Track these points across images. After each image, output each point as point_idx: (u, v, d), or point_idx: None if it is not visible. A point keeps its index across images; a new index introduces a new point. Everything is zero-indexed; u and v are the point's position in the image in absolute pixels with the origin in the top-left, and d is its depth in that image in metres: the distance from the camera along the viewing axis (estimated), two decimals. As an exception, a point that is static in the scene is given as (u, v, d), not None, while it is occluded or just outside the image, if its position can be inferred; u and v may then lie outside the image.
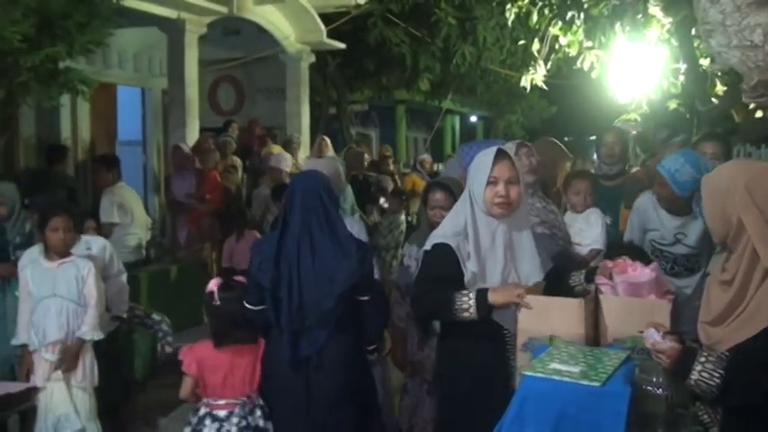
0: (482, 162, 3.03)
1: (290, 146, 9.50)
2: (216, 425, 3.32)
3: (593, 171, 5.34)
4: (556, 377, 2.43)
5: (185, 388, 3.41)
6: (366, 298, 3.40)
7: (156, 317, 5.70)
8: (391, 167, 10.44)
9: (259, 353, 3.44)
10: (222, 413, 3.34)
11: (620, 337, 2.79)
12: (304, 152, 10.36)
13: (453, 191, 3.74)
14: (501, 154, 3.01)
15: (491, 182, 2.97)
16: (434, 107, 16.12)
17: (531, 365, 2.54)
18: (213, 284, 3.56)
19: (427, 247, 3.08)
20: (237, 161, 9.07)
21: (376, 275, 3.76)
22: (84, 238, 4.66)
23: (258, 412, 3.37)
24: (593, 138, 13.96)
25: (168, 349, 5.69)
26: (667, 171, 3.71)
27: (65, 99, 6.46)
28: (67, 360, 4.14)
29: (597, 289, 3.00)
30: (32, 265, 4.27)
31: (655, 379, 2.48)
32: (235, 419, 3.30)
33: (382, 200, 8.72)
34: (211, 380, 3.37)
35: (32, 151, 9.01)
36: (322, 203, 3.37)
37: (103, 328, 4.59)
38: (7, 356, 4.56)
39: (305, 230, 3.33)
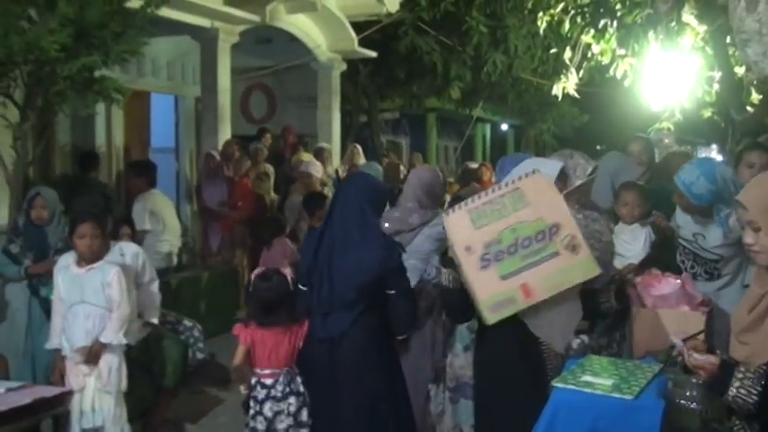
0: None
1: (320, 155, 9.54)
2: (264, 390, 3.83)
3: None
4: (587, 389, 2.41)
5: (238, 356, 3.92)
6: (392, 292, 3.67)
7: (187, 323, 5.75)
8: None
9: (299, 332, 3.86)
10: (269, 381, 3.84)
11: (653, 350, 2.76)
12: (335, 161, 10.41)
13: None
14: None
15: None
16: (465, 115, 16.08)
17: (563, 377, 2.52)
18: (254, 273, 4.04)
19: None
20: (270, 169, 9.12)
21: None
22: (118, 244, 4.72)
23: (298, 379, 3.86)
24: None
25: (199, 356, 5.73)
26: (683, 183, 3.77)
27: (99, 107, 6.55)
28: (88, 360, 4.17)
29: (630, 301, 2.97)
30: (64, 271, 4.33)
31: (689, 393, 2.44)
32: (279, 386, 3.82)
33: None
34: (258, 353, 3.87)
35: (68, 158, 9.15)
36: (359, 204, 3.70)
37: (135, 334, 4.65)
38: (49, 362, 4.62)
39: (341, 227, 3.69)
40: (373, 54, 11.25)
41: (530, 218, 2.62)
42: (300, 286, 3.80)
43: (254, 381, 3.88)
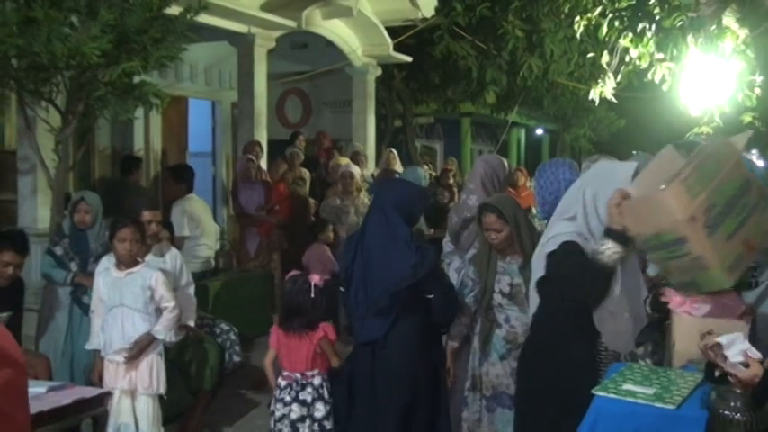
0: (621, 175, 2.94)
1: (356, 158, 9.57)
2: (278, 391, 4.11)
3: None
4: (629, 398, 2.38)
5: (268, 357, 4.25)
6: (431, 296, 3.75)
7: (224, 326, 5.80)
8: (451, 181, 10.36)
9: (316, 338, 4.08)
10: (283, 383, 4.11)
11: (695, 359, 2.71)
12: (371, 165, 10.43)
13: (503, 212, 3.89)
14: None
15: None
16: (500, 120, 16.01)
17: (603, 385, 2.49)
18: (287, 276, 4.30)
19: (551, 247, 2.99)
20: (306, 173, 9.16)
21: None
22: (158, 247, 4.79)
23: (308, 389, 4.06)
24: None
25: (236, 359, 5.77)
26: None
27: (138, 112, 6.63)
28: (134, 352, 4.22)
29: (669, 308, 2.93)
30: (104, 274, 4.40)
31: (732, 403, 2.39)
32: (288, 390, 4.07)
33: None
34: (282, 355, 4.16)
35: (107, 162, 9.29)
36: (390, 211, 3.78)
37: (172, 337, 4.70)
38: (87, 363, 4.69)
39: (375, 234, 3.79)
40: (408, 59, 11.25)
41: (728, 177, 2.64)
42: (342, 289, 3.93)
43: (280, 379, 4.14)
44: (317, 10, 9.26)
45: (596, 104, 9.92)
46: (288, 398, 4.09)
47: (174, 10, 5.62)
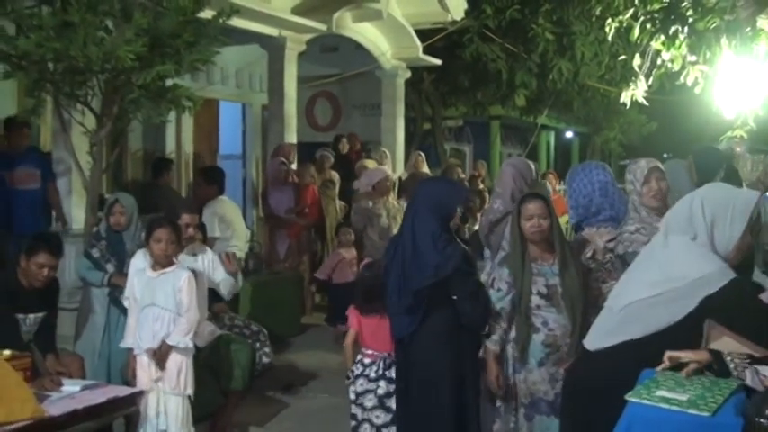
0: (742, 205, 2.81)
1: (380, 160, 9.61)
2: (361, 367, 4.35)
3: None
4: (663, 405, 2.35)
5: (348, 338, 4.52)
6: (455, 297, 3.81)
7: (254, 328, 5.85)
8: (481, 186, 10.30)
9: None
10: (367, 360, 4.36)
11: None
12: (399, 168, 10.44)
13: (548, 200, 3.92)
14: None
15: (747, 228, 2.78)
16: (529, 123, 15.95)
17: (636, 391, 2.47)
18: (363, 263, 4.68)
19: (711, 288, 2.70)
20: (335, 176, 9.19)
21: None
22: (190, 247, 4.84)
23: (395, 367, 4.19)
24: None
25: (265, 360, 5.81)
26: None
27: (170, 114, 6.71)
28: (156, 361, 4.27)
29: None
30: (140, 274, 4.47)
31: (768, 411, 2.37)
32: (374, 367, 4.31)
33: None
34: (363, 335, 4.42)
35: (139, 164, 9.41)
36: (423, 212, 3.88)
37: (205, 337, 4.75)
38: (123, 363, 4.75)
39: (410, 234, 3.88)
40: (438, 62, 11.25)
41: None
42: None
43: (359, 357, 4.42)
44: (347, 13, 9.30)
45: (627, 107, 9.84)
46: (373, 374, 4.32)
47: (206, 14, 5.67)
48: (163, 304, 4.34)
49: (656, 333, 2.73)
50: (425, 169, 9.82)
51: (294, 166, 8.73)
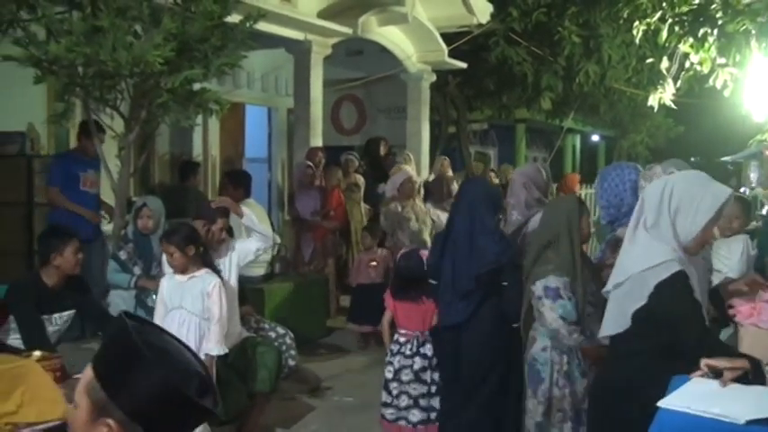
0: (708, 200, 2.78)
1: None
2: (398, 346, 4.72)
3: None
4: (695, 412, 2.32)
5: (385, 318, 4.90)
6: (506, 283, 4.08)
7: (280, 330, 5.86)
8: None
9: (430, 309, 4.61)
10: (402, 339, 4.72)
11: (763, 371, 2.64)
12: (424, 172, 10.43)
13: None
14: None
15: (711, 223, 2.78)
16: (555, 126, 15.87)
17: (669, 398, 2.44)
18: (400, 253, 4.93)
19: (664, 275, 2.76)
20: (360, 179, 9.21)
21: None
22: (222, 248, 4.90)
23: (428, 345, 4.65)
24: (725, 159, 13.39)
25: (291, 363, 5.82)
26: None
27: (197, 118, 6.76)
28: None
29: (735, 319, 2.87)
30: (169, 276, 4.51)
31: (803, 418, 2.33)
32: (409, 345, 4.68)
33: None
34: (398, 317, 4.78)
35: (166, 168, 9.48)
36: (476, 206, 4.20)
37: (233, 340, 4.77)
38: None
39: (463, 228, 4.19)
40: (463, 65, 11.22)
41: None
42: (431, 281, 4.41)
43: (395, 336, 4.78)
44: (372, 17, 9.31)
45: (654, 110, 9.77)
46: (408, 351, 4.68)
47: (233, 18, 5.70)
48: (190, 308, 4.38)
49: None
50: (450, 173, 9.81)
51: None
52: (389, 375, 4.72)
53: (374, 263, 7.61)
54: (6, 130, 6.64)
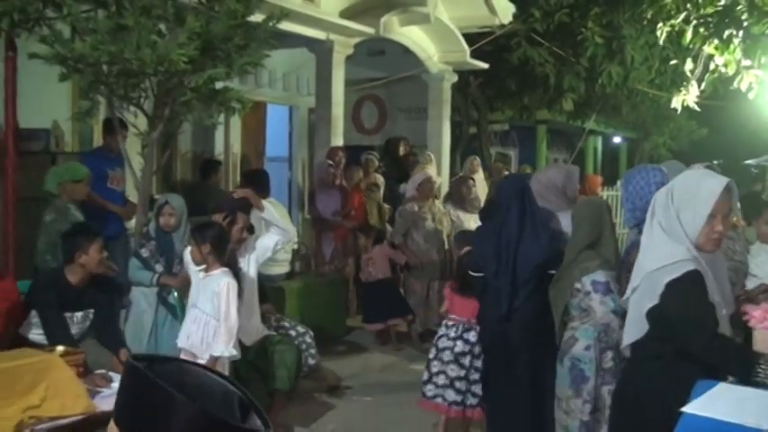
0: (703, 193, 2.79)
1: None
2: (445, 329, 5.05)
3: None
4: (719, 417, 2.31)
5: (444, 305, 5.34)
6: (553, 272, 4.20)
7: (300, 329, 5.88)
8: None
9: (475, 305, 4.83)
10: (450, 323, 5.04)
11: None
12: (445, 172, 10.42)
13: None
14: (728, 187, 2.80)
15: (713, 215, 2.76)
16: (577, 127, 15.77)
17: (693, 403, 2.42)
18: (463, 251, 5.23)
19: (675, 274, 2.75)
20: (380, 179, 9.22)
21: None
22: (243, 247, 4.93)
23: (473, 332, 4.89)
24: (749, 162, 13.27)
25: (310, 361, 5.84)
26: None
27: (220, 117, 6.79)
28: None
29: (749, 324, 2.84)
30: (195, 274, 4.55)
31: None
32: (454, 329, 4.98)
33: None
34: (453, 304, 5.12)
35: (188, 166, 9.53)
36: (525, 201, 4.43)
37: (253, 338, 4.80)
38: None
39: (515, 222, 4.37)
40: (485, 66, 11.20)
41: None
42: (472, 272, 4.62)
43: (443, 321, 5.15)
44: (394, 17, 9.31)
45: (678, 113, 9.69)
46: (453, 334, 4.97)
47: (257, 17, 5.72)
48: (201, 306, 4.41)
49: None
50: (480, 174, 9.82)
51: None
52: (432, 355, 5.01)
53: (371, 261, 7.72)
54: (32, 127, 6.68)
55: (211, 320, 4.37)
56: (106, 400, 3.89)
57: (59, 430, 3.61)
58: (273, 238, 5.01)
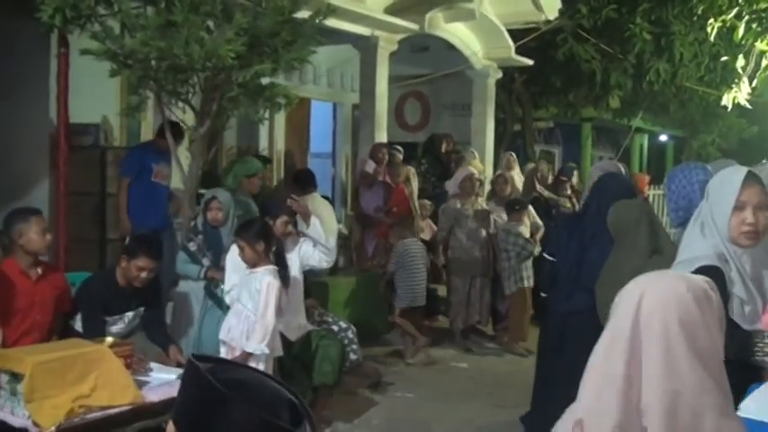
0: (727, 185, 2.77)
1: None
2: None
3: None
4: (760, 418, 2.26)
5: None
6: None
7: (342, 324, 5.90)
8: (568, 192, 9.95)
9: None
10: None
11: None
12: (488, 169, 10.36)
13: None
14: (750, 177, 2.75)
15: (738, 207, 2.74)
16: (622, 125, 15.57)
17: (744, 406, 2.37)
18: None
19: (689, 269, 2.71)
20: (411, 170, 9.19)
21: None
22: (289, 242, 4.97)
23: None
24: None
25: (352, 357, 5.85)
26: None
27: (265, 113, 6.84)
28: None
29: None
30: (239, 270, 4.58)
31: None
32: None
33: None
34: None
35: (233, 161, 9.61)
36: (610, 203, 4.28)
37: (297, 333, 4.83)
38: (213, 352, 4.88)
39: (596, 221, 4.32)
40: (530, 62, 11.09)
41: None
42: (547, 255, 4.68)
43: None
44: (439, 13, 9.27)
45: (728, 110, 9.51)
46: None
47: (303, 14, 5.75)
48: (244, 302, 4.45)
49: None
50: (517, 170, 9.73)
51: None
52: None
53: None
54: (82, 121, 6.81)
55: (251, 316, 4.41)
56: (153, 391, 3.96)
57: (108, 420, 3.68)
58: (317, 256, 5.14)
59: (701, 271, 2.66)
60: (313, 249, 5.09)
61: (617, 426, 1.46)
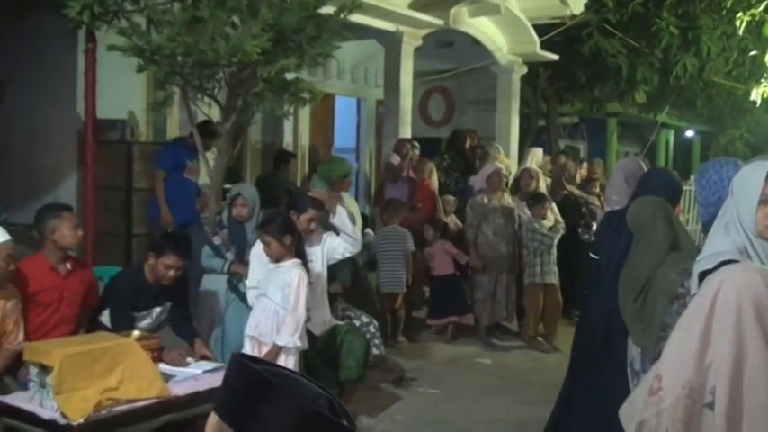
0: (750, 179, 2.72)
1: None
2: None
3: None
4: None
5: None
6: None
7: (365, 319, 5.90)
8: (597, 189, 9.88)
9: None
10: None
11: None
12: (513, 166, 10.31)
13: None
14: None
15: (763, 201, 2.65)
16: (648, 120, 15.43)
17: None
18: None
19: (708, 265, 2.68)
20: (431, 165, 9.18)
21: None
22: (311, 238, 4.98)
23: None
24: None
25: (375, 351, 5.86)
26: None
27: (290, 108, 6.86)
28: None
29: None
30: (263, 264, 4.60)
31: None
32: None
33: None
34: None
35: (258, 156, 9.66)
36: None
37: (322, 328, 4.84)
38: (236, 345, 4.90)
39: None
40: (555, 57, 11.01)
41: None
42: (592, 254, 4.52)
43: None
44: (464, 8, 9.25)
45: (756, 105, 9.39)
46: None
47: (328, 9, 5.76)
48: (272, 296, 4.46)
49: None
50: (539, 162, 9.68)
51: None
52: None
53: (431, 255, 7.83)
54: (108, 117, 6.87)
55: (281, 310, 4.42)
56: (179, 385, 3.99)
57: (135, 412, 3.72)
58: (342, 245, 5.10)
59: (723, 265, 2.65)
60: (339, 242, 5.10)
61: (688, 380, 1.93)
